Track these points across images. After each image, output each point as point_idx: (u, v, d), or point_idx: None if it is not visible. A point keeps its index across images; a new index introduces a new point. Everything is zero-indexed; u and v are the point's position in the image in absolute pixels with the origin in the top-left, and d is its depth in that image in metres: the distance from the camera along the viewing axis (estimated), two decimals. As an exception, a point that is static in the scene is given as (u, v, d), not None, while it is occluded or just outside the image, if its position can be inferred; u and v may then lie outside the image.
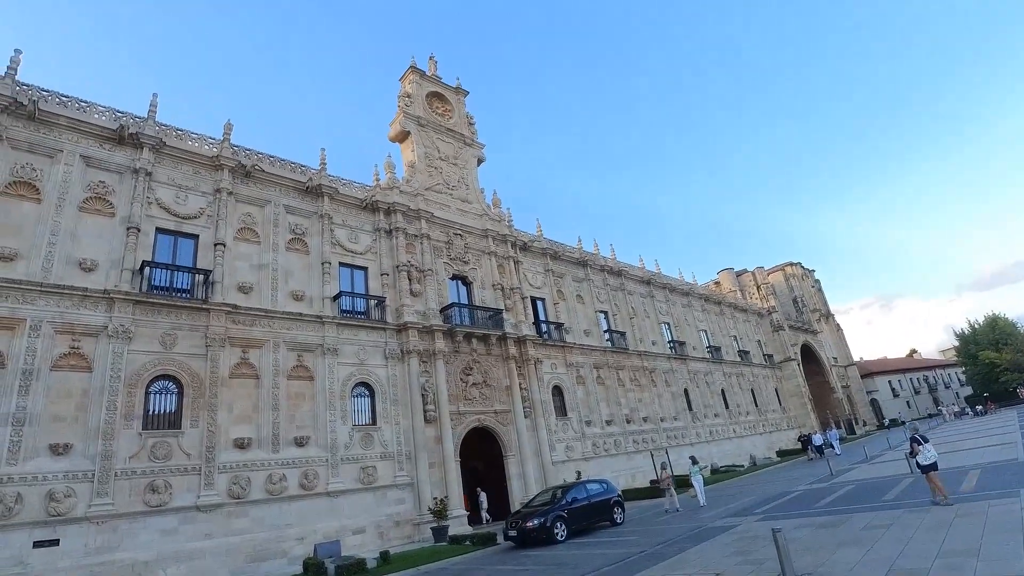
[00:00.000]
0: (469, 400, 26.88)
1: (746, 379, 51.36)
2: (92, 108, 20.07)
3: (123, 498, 16.16)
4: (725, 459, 41.33)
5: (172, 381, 18.44)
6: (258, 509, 18.54)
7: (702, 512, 18.47)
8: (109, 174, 19.71)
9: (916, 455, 13.09)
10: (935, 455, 12.85)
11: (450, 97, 34.97)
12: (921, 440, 13.12)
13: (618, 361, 37.36)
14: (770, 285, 64.28)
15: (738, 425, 46.64)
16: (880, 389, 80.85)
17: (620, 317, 40.18)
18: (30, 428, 15.42)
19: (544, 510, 17.13)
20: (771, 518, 14.49)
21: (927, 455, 12.73)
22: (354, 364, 23.15)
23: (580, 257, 39.18)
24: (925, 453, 12.82)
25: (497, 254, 32.12)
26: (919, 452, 12.93)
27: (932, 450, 12.83)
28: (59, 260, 17.57)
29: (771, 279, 67.77)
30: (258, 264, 22.23)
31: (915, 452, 13.12)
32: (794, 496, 18.48)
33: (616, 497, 19.29)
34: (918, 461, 13.10)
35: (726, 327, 53.28)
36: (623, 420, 35.32)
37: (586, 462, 31.18)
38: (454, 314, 27.52)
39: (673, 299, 47.50)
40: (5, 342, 15.88)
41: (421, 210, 28.58)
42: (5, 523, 14.33)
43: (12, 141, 18.04)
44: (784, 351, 58.38)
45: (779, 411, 54.75)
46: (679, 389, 42.01)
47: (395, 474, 22.49)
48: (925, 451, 12.84)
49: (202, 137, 22.55)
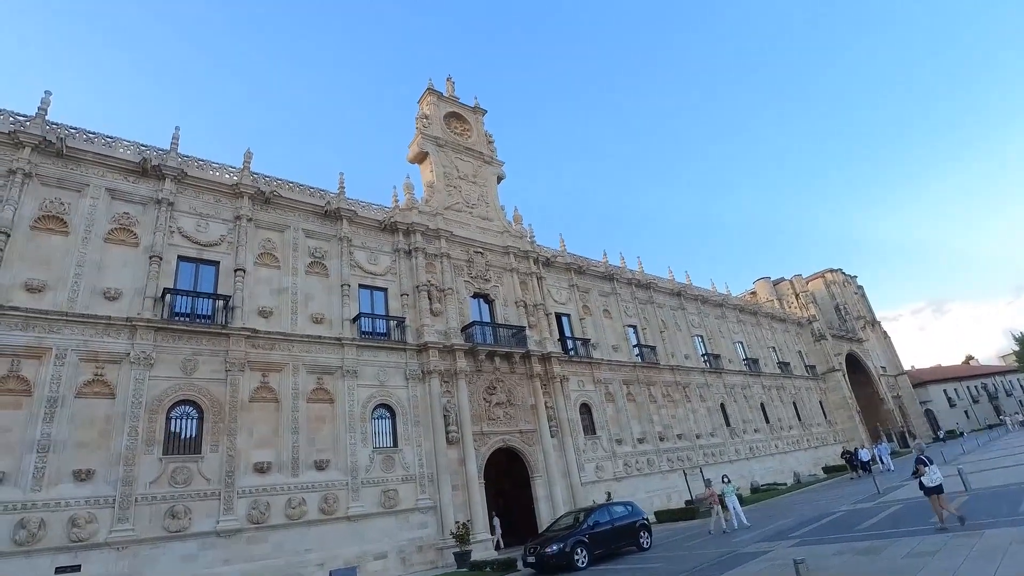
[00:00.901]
0: (493, 420, 26.38)
1: (787, 392, 49.19)
2: (117, 143, 20.82)
3: (143, 524, 16.25)
4: (767, 476, 39.44)
5: (192, 406, 18.63)
6: (278, 534, 18.40)
7: (734, 536, 17.37)
8: (133, 205, 20.34)
9: (921, 476, 12.74)
10: (940, 477, 12.57)
11: (468, 117, 35.17)
12: (927, 461, 12.83)
13: (649, 376, 36.29)
14: (809, 293, 61.84)
15: (780, 440, 44.55)
16: (934, 399, 76.30)
17: (650, 331, 39.13)
18: (54, 455, 15.72)
19: (564, 535, 16.39)
20: (807, 543, 13.43)
21: (932, 477, 12.45)
22: (374, 386, 23.02)
23: (606, 271, 38.48)
24: (930, 475, 12.49)
25: (519, 271, 31.79)
26: (924, 473, 12.61)
27: (938, 472, 12.58)
28: (84, 290, 18.09)
29: (810, 287, 65.28)
30: (278, 288, 22.48)
31: (920, 473, 12.77)
32: (835, 517, 17.20)
33: (642, 520, 18.35)
34: (922, 482, 12.73)
35: (763, 338, 51.34)
36: (656, 438, 34.13)
37: (617, 482, 30.14)
38: (476, 332, 27.20)
39: (706, 311, 46.11)
40: (32, 370, 16.33)
41: (440, 229, 28.56)
42: (29, 548, 14.55)
43: (42, 178, 18.82)
44: (827, 361, 55.79)
45: (824, 424, 52.16)
46: (715, 404, 40.48)
47: (417, 497, 22.10)
48: (931, 473, 12.50)
49: (222, 167, 23.12)
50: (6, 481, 14.95)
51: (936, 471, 12.54)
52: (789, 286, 62.16)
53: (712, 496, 20.38)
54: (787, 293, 61.56)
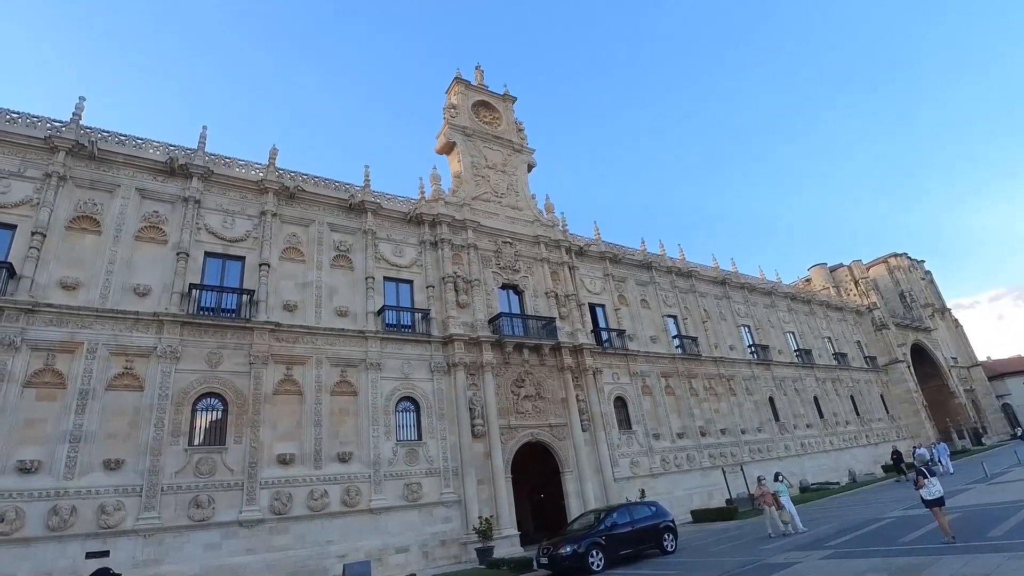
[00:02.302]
0: (521, 413, 25.87)
1: (844, 384, 46.28)
2: (147, 144, 21.47)
3: (169, 512, 16.74)
4: (819, 475, 37.23)
5: (217, 399, 19.05)
6: (300, 525, 18.61)
7: (769, 542, 16.14)
8: (162, 204, 20.94)
9: (921, 488, 12.42)
10: (940, 490, 12.31)
11: (497, 105, 34.53)
12: (927, 474, 12.56)
13: (689, 369, 34.82)
14: (870, 280, 57.87)
15: (835, 436, 41.97)
16: (1013, 392, 70.08)
17: (691, 321, 37.53)
18: (85, 445, 16.38)
19: (579, 536, 15.67)
20: (841, 555, 12.20)
21: (932, 490, 12.19)
22: (398, 379, 22.95)
23: (644, 259, 37.10)
24: (930, 488, 12.19)
25: (550, 260, 31.03)
26: (924, 485, 12.33)
27: (938, 484, 12.33)
28: (116, 287, 18.76)
29: (872, 273, 61.14)
30: (303, 282, 22.69)
31: (920, 485, 12.45)
32: (881, 525, 15.69)
33: (667, 522, 17.35)
34: (922, 495, 12.43)
35: (817, 328, 48.46)
36: (697, 432, 32.74)
37: (654, 479, 29.09)
38: (503, 324, 26.70)
39: (753, 299, 43.88)
40: (66, 364, 17.05)
41: (467, 220, 28.17)
42: (61, 534, 15.22)
43: (76, 180, 19.62)
44: (889, 352, 52.09)
45: (886, 419, 48.82)
46: (763, 398, 38.47)
47: (441, 491, 21.92)
48: (930, 485, 12.20)
49: (248, 163, 23.50)
50: (41, 470, 15.67)
51: (936, 483, 12.31)
52: (847, 272, 58.34)
53: (766, 495, 18.58)
54: (845, 280, 57.83)
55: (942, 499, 12.28)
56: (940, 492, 12.26)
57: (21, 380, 16.32)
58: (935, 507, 12.22)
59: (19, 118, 19.59)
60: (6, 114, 19.47)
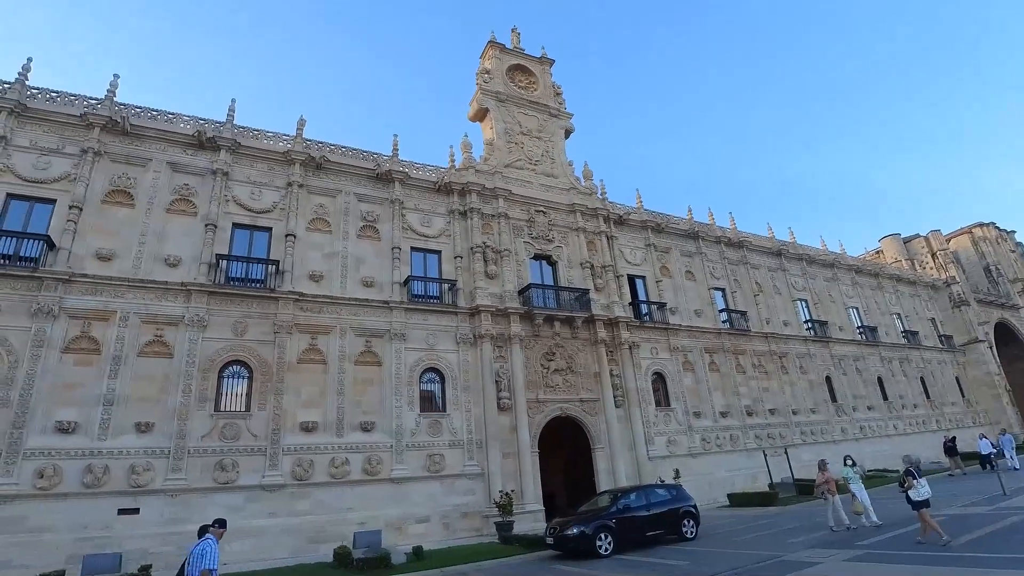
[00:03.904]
0: (551, 387, 25.27)
1: (913, 365, 42.69)
2: (178, 118, 21.88)
3: (195, 474, 17.39)
4: (879, 461, 34.65)
5: (243, 366, 19.52)
6: (321, 492, 18.96)
7: (799, 535, 14.80)
8: (192, 177, 21.37)
9: (909, 489, 12.29)
10: (929, 491, 12.23)
11: (534, 68, 33.17)
12: (915, 474, 12.48)
13: (737, 344, 32.99)
14: (950, 252, 52.67)
15: (900, 420, 38.92)
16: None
17: (741, 294, 35.42)
18: (118, 408, 17.17)
19: (589, 517, 14.99)
20: (873, 558, 10.87)
21: (920, 491, 12.09)
22: (423, 349, 22.81)
23: (690, 228, 35.11)
24: (919, 489, 12.08)
25: (586, 230, 29.85)
26: (912, 486, 12.21)
27: (926, 486, 12.24)
28: (148, 258, 19.40)
29: (952, 245, 55.58)
30: (329, 252, 22.78)
31: (909, 486, 12.34)
32: (932, 523, 14.06)
33: (687, 507, 16.25)
34: (909, 496, 12.29)
35: (885, 303, 44.74)
36: (742, 412, 31.10)
37: (693, 458, 27.93)
38: (534, 295, 25.97)
39: (812, 272, 40.93)
40: (100, 331, 17.85)
41: (498, 188, 27.38)
42: (96, 491, 16.10)
43: (111, 155, 20.27)
44: (969, 331, 47.48)
45: (961, 404, 44.81)
46: (819, 377, 36.05)
47: (464, 463, 21.80)
48: (919, 487, 12.09)
49: (276, 135, 23.60)
50: (77, 430, 16.57)
51: (925, 484, 12.22)
52: (924, 244, 53.30)
53: (829, 482, 15.85)
54: (921, 252, 52.90)
55: (928, 501, 12.20)
56: (929, 494, 12.20)
57: (60, 346, 17.21)
58: (922, 508, 12.11)
59: (58, 97, 20.35)
60: (46, 93, 20.27)
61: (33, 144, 19.31)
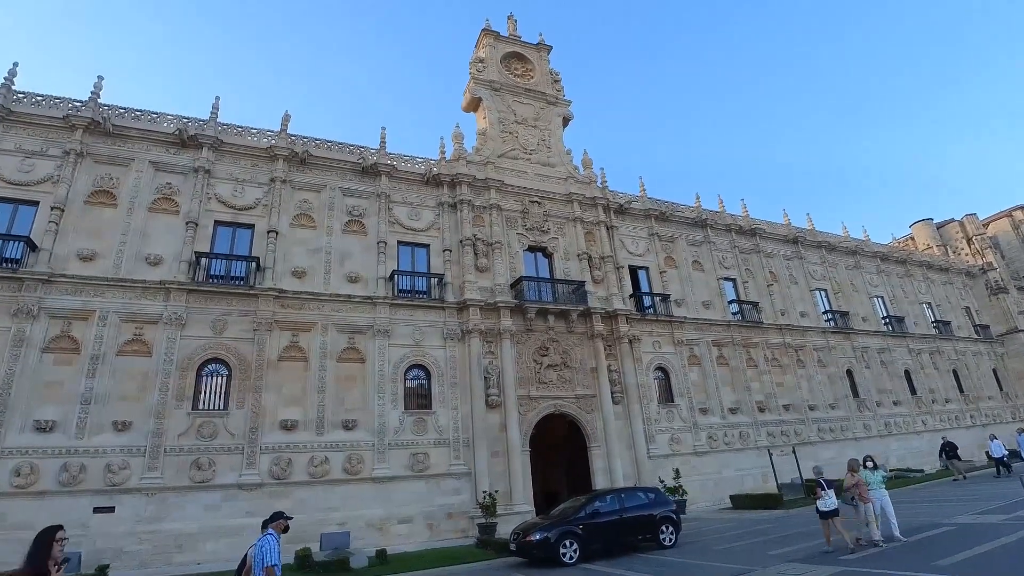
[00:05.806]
0: (544, 384, 24.55)
1: (945, 357, 40.25)
2: (161, 118, 21.93)
3: (171, 473, 17.38)
4: (905, 460, 32.79)
5: (222, 364, 19.44)
6: (302, 491, 18.76)
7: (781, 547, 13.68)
8: (175, 175, 21.39)
9: (818, 499, 12.59)
10: (836, 502, 12.51)
11: (530, 56, 32.29)
12: (824, 486, 12.62)
13: (748, 337, 31.59)
14: (987, 237, 49.49)
15: (929, 416, 36.74)
16: None
17: (753, 285, 33.92)
18: (96, 407, 17.27)
19: (553, 523, 14.20)
20: (851, 574, 9.86)
21: (828, 502, 12.43)
22: (409, 346, 22.39)
23: (697, 216, 33.75)
24: (827, 500, 12.44)
25: (584, 220, 28.92)
26: (821, 497, 12.54)
27: (833, 497, 12.53)
28: (129, 257, 19.48)
29: (991, 229, 52.23)
30: (313, 248, 22.55)
31: (818, 496, 12.62)
32: (934, 534, 12.66)
33: (666, 512, 15.18)
34: (818, 506, 12.61)
35: (914, 292, 42.30)
36: (753, 408, 29.76)
37: (698, 457, 26.85)
38: (527, 289, 25.26)
39: (833, 260, 38.95)
40: (80, 330, 17.99)
41: (490, 179, 26.71)
42: (72, 489, 16.22)
43: (94, 156, 20.43)
44: (1007, 320, 44.53)
45: (999, 398, 42.06)
46: (839, 370, 34.27)
47: (450, 462, 21.32)
48: (827, 497, 12.43)
49: (261, 131, 23.47)
50: (55, 429, 16.71)
51: (832, 495, 12.47)
52: (959, 228, 50.21)
53: (860, 485, 12.80)
54: (955, 237, 49.88)
55: (837, 511, 12.41)
56: (835, 504, 12.43)
57: (40, 345, 17.40)
58: (830, 518, 12.37)
59: (43, 100, 20.59)
60: (32, 97, 20.54)
61: (17, 147, 19.57)
